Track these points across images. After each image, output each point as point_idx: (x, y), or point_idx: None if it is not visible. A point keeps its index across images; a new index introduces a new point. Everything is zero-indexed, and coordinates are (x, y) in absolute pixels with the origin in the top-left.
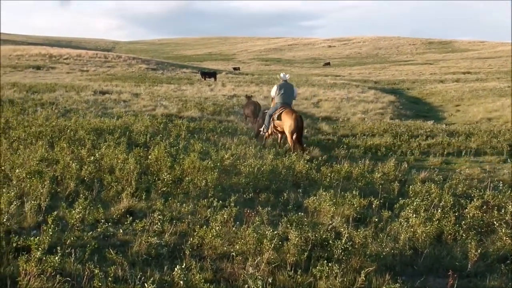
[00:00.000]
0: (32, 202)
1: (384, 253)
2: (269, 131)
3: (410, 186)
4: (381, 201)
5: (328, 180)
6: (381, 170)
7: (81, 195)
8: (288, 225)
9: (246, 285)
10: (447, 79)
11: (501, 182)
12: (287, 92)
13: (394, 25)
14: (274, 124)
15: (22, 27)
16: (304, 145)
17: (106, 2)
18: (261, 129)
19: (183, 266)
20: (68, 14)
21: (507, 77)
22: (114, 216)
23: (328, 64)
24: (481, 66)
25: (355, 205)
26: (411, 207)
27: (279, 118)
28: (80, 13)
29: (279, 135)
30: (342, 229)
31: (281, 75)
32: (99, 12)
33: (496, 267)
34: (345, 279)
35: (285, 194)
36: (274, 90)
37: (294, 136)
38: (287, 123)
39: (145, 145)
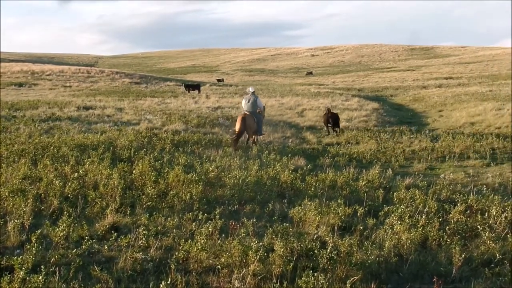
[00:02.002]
0: (15, 221)
1: (369, 261)
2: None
3: (395, 193)
4: (366, 209)
5: (313, 189)
6: (366, 178)
7: (65, 212)
8: (273, 236)
9: None
10: (429, 85)
11: (484, 186)
12: (251, 102)
13: (377, 31)
14: None
15: (3, 44)
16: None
17: (88, 18)
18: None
19: (168, 282)
20: (50, 31)
21: (489, 81)
22: (99, 232)
23: (310, 73)
24: (463, 71)
25: (340, 214)
26: (396, 214)
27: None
28: (63, 30)
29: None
30: (328, 238)
31: (249, 88)
32: (82, 28)
33: (481, 271)
34: None
35: (270, 205)
36: (243, 102)
37: (237, 134)
38: (236, 124)
39: (130, 160)
